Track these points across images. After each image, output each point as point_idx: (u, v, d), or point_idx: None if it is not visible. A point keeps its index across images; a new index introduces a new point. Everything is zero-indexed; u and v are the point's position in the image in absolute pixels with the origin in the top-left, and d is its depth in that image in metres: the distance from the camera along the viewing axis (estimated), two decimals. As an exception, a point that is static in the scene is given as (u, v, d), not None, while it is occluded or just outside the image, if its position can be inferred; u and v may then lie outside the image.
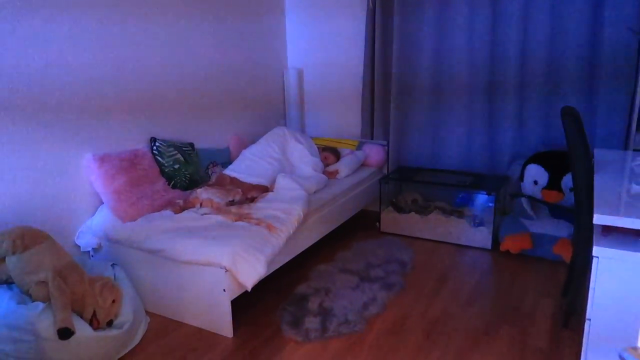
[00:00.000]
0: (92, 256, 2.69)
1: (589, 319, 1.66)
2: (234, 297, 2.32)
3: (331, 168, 3.54)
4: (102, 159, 2.62)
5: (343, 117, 4.14)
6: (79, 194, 2.63)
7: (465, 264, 3.09)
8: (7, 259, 2.09)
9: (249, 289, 2.31)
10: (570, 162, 2.21)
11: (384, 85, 3.81)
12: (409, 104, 3.74)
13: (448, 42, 3.50)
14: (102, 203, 2.70)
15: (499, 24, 3.32)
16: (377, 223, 3.70)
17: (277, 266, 2.60)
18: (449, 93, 3.59)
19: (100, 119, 2.68)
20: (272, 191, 2.98)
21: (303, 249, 2.87)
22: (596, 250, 1.59)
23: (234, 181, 3.03)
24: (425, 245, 3.40)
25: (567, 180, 3.07)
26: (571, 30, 3.12)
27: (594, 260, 1.61)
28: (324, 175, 3.32)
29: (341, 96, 4.10)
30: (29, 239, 2.10)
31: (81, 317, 2.05)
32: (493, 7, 3.30)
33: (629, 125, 3.09)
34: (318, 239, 3.04)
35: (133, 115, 2.87)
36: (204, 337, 2.34)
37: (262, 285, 2.82)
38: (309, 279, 2.87)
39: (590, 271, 1.65)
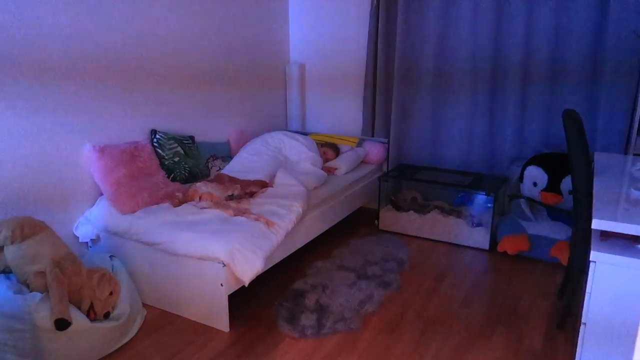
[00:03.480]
0: (91, 247, 2.69)
1: (585, 323, 1.67)
2: (231, 291, 2.32)
3: (331, 164, 3.54)
4: (102, 150, 2.62)
5: (344, 114, 4.13)
6: (79, 184, 2.63)
7: (463, 263, 3.10)
8: (5, 248, 2.10)
9: (247, 284, 2.31)
10: (570, 164, 2.21)
11: (386, 81, 3.80)
12: (411, 97, 3.74)
13: (452, 33, 3.49)
14: (101, 194, 2.70)
15: (503, 17, 3.31)
16: (376, 221, 3.71)
17: (275, 262, 2.61)
18: (451, 86, 3.59)
19: (101, 109, 2.68)
20: (271, 186, 2.98)
21: (301, 245, 2.87)
22: (594, 254, 1.60)
23: (232, 179, 3.03)
24: (423, 244, 3.41)
25: (566, 183, 3.07)
26: (575, 28, 3.11)
27: (591, 265, 1.61)
28: (323, 172, 3.32)
29: (343, 93, 4.09)
30: (27, 229, 2.10)
31: (78, 308, 2.06)
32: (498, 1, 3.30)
33: (630, 129, 3.09)
34: (316, 235, 3.04)
35: (134, 106, 2.87)
36: (200, 331, 2.35)
37: (260, 280, 2.82)
38: (306, 275, 2.88)
39: (587, 275, 1.66)
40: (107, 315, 2.13)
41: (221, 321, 2.35)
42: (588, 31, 3.08)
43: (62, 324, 1.91)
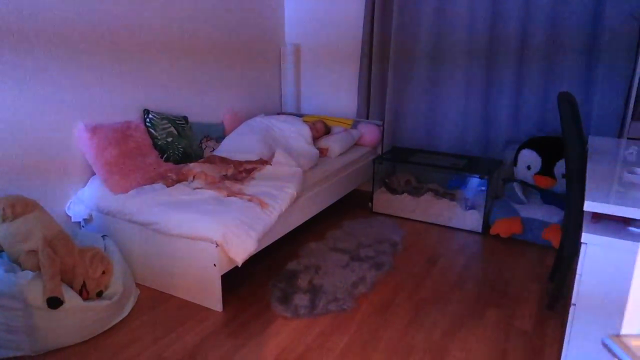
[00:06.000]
0: (83, 227, 2.68)
1: (574, 304, 1.68)
2: (224, 272, 2.33)
3: (322, 144, 3.52)
4: (94, 130, 2.59)
5: (339, 96, 4.10)
6: (71, 163, 2.60)
7: (456, 246, 3.12)
8: (-4, 227, 2.08)
9: (240, 265, 2.31)
10: (564, 148, 2.21)
11: (381, 62, 3.77)
12: (407, 79, 3.71)
13: (449, 9, 3.44)
14: (94, 173, 2.68)
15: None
16: (370, 203, 3.71)
17: (268, 243, 2.61)
18: (446, 66, 3.56)
19: (94, 88, 2.64)
20: (270, 164, 2.95)
21: (295, 227, 2.87)
22: (585, 236, 1.60)
23: (224, 159, 3.02)
24: (416, 226, 3.42)
25: (559, 167, 3.08)
26: (573, 7, 3.07)
27: (583, 247, 1.62)
28: (315, 149, 3.30)
29: (338, 74, 4.05)
30: (19, 207, 2.09)
31: (71, 287, 2.06)
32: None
33: (624, 113, 3.09)
34: (310, 216, 3.04)
35: (127, 86, 2.83)
36: (193, 311, 2.36)
37: (253, 261, 2.83)
38: (300, 256, 2.89)
39: (578, 257, 1.67)
40: (99, 294, 2.13)
41: (214, 301, 2.36)
42: (585, 11, 3.04)
43: (54, 303, 1.91)
